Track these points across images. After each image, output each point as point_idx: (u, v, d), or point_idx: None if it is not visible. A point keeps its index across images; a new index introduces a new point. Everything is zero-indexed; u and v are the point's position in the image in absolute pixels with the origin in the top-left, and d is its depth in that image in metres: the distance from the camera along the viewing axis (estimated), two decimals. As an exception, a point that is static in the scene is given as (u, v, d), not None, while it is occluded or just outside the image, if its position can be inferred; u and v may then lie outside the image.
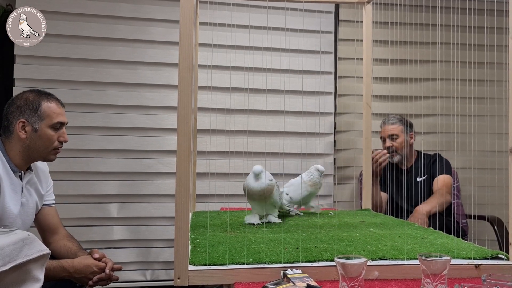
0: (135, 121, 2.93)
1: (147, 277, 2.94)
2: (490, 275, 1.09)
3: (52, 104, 1.76)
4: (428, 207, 2.47)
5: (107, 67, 2.90)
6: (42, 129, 1.73)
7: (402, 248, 1.50)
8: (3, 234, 1.23)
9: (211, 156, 2.91)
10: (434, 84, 3.30)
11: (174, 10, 2.97)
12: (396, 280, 1.30)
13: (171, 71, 2.96)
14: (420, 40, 3.21)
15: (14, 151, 1.72)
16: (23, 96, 1.75)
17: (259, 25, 3.01)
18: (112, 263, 1.74)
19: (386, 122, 2.83)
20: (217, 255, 1.38)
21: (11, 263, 1.17)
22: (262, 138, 2.99)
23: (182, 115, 1.26)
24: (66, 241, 1.89)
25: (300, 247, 1.49)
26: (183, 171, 1.25)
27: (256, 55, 3.02)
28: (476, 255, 1.43)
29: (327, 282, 1.26)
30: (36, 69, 2.80)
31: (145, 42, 2.96)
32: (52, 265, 1.62)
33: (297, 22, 3.01)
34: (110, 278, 1.71)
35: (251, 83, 2.93)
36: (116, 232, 2.89)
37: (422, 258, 1.09)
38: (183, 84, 1.27)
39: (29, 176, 1.80)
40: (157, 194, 2.94)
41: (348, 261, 1.06)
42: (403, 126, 2.77)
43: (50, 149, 1.76)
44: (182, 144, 1.25)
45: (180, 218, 1.24)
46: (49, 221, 1.91)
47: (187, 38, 1.28)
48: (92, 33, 2.88)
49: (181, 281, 1.24)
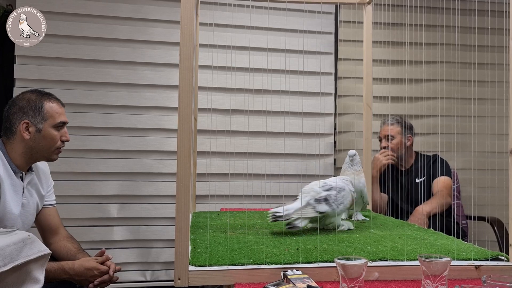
0: (135, 121, 2.93)
1: (147, 278, 2.94)
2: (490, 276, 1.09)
3: (54, 104, 1.76)
4: (428, 207, 2.47)
5: (107, 68, 2.90)
6: (46, 129, 1.73)
7: (402, 249, 1.50)
8: (3, 234, 1.23)
9: (211, 156, 2.91)
10: (434, 85, 3.30)
11: (174, 11, 2.97)
12: (397, 281, 1.30)
13: (171, 71, 2.96)
14: (420, 41, 3.21)
15: (15, 152, 1.72)
16: (24, 97, 1.75)
17: (259, 25, 3.02)
18: (115, 265, 1.75)
19: (385, 123, 2.83)
20: (217, 256, 1.38)
21: (12, 263, 1.17)
22: (262, 138, 2.99)
23: (183, 116, 1.26)
24: (67, 242, 1.89)
25: (300, 248, 1.49)
26: (184, 171, 1.25)
27: (257, 55, 3.02)
28: (476, 256, 1.43)
29: (327, 283, 1.26)
30: (37, 69, 2.80)
31: (145, 43, 2.97)
32: (52, 267, 1.62)
33: (298, 23, 3.01)
34: (111, 280, 1.72)
35: (251, 83, 2.93)
36: (116, 232, 2.88)
37: (423, 259, 1.09)
38: (184, 84, 1.27)
39: (30, 176, 1.80)
40: (157, 195, 2.94)
41: (348, 262, 1.06)
42: (401, 128, 2.77)
43: (53, 149, 1.76)
44: (182, 145, 1.25)
45: (180, 218, 1.24)
46: (49, 222, 1.91)
47: (188, 39, 1.28)
48: (92, 33, 2.88)
49: (181, 282, 1.24)
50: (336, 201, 1.73)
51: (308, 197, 1.70)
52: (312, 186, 1.76)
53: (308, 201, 1.69)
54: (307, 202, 1.69)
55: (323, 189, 1.74)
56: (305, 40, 3.01)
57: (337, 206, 1.73)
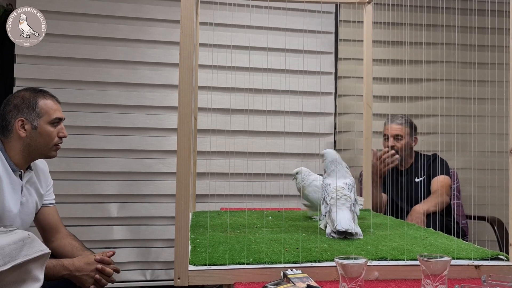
0: (135, 121, 2.93)
1: (147, 277, 2.94)
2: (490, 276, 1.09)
3: (49, 101, 1.77)
4: (426, 206, 2.47)
5: (107, 67, 2.90)
6: (42, 126, 1.73)
7: (402, 249, 1.50)
8: (3, 233, 1.23)
9: (211, 156, 2.91)
10: (435, 84, 3.30)
11: (174, 10, 2.97)
12: (396, 281, 1.30)
13: (171, 71, 2.96)
14: (421, 41, 3.21)
15: (14, 150, 1.72)
16: (18, 95, 1.76)
17: (259, 25, 3.02)
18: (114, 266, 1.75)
19: (392, 121, 2.81)
20: (217, 255, 1.38)
21: (11, 262, 1.17)
22: (262, 138, 2.99)
23: (183, 115, 1.26)
24: (71, 239, 1.89)
25: (300, 247, 1.49)
26: (183, 171, 1.25)
27: (257, 55, 3.02)
28: (476, 255, 1.43)
29: (327, 282, 1.26)
30: (37, 68, 2.80)
31: (145, 42, 2.97)
32: (52, 263, 1.61)
33: (298, 22, 3.01)
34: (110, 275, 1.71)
35: (251, 83, 2.93)
36: (116, 232, 2.89)
37: (422, 258, 1.08)
38: (184, 84, 1.27)
39: (29, 175, 1.80)
40: (157, 194, 2.94)
41: (348, 262, 1.06)
42: (409, 128, 2.77)
43: (50, 146, 1.77)
44: (182, 144, 1.25)
45: (180, 218, 1.24)
46: (49, 221, 1.91)
47: (188, 38, 1.28)
48: (92, 33, 2.88)
49: (181, 281, 1.24)
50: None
51: (348, 204, 1.65)
52: (340, 190, 1.67)
53: (349, 207, 1.64)
54: (349, 208, 1.64)
55: (349, 191, 1.69)
56: (305, 40, 3.01)
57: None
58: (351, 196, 1.68)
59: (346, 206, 1.66)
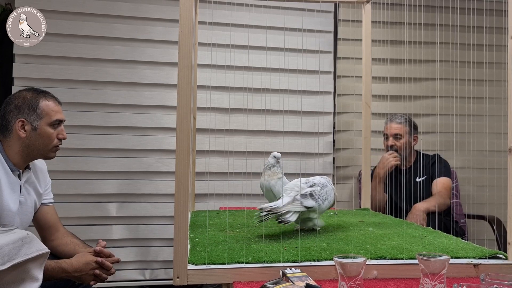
0: (134, 120, 2.93)
1: (146, 276, 2.94)
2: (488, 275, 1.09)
3: (50, 102, 1.76)
4: (427, 204, 2.48)
5: (106, 66, 2.90)
6: (42, 128, 1.73)
7: (401, 248, 1.50)
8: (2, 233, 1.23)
9: (210, 155, 2.91)
10: (433, 83, 3.30)
11: (173, 9, 2.97)
12: (395, 280, 1.30)
13: (170, 70, 2.96)
14: (419, 40, 3.21)
15: (13, 150, 1.72)
16: (20, 95, 1.75)
17: (258, 24, 3.02)
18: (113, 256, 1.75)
19: (392, 120, 2.82)
20: (216, 254, 1.38)
21: (10, 262, 1.17)
22: (262, 137, 2.99)
23: (182, 115, 1.26)
24: (71, 237, 1.89)
25: (299, 246, 1.49)
26: (182, 170, 1.25)
27: (256, 54, 3.02)
28: (474, 254, 1.44)
29: (326, 281, 1.27)
30: (35, 68, 2.80)
31: (144, 41, 2.96)
32: (50, 265, 1.61)
33: (297, 22, 3.01)
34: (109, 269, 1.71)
35: (250, 82, 2.93)
36: (115, 231, 2.88)
37: (421, 257, 1.09)
38: (183, 83, 1.27)
39: (27, 175, 1.80)
40: (156, 193, 2.94)
41: (347, 261, 1.06)
42: (409, 127, 2.77)
43: (50, 147, 1.76)
44: (181, 143, 1.25)
45: (179, 217, 1.24)
46: (48, 220, 1.91)
47: (187, 37, 1.28)
48: (91, 32, 2.88)
49: (180, 280, 1.24)
50: (321, 197, 1.72)
51: (294, 193, 1.67)
52: (295, 183, 1.73)
53: (294, 196, 1.66)
54: (293, 197, 1.65)
55: (306, 186, 1.71)
56: (304, 39, 3.00)
57: (322, 202, 1.71)
58: (303, 189, 1.69)
59: (290, 195, 1.66)
